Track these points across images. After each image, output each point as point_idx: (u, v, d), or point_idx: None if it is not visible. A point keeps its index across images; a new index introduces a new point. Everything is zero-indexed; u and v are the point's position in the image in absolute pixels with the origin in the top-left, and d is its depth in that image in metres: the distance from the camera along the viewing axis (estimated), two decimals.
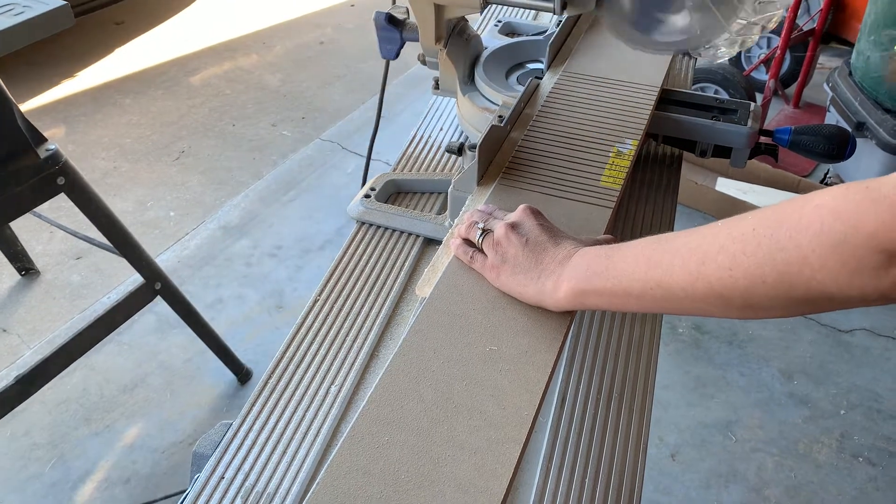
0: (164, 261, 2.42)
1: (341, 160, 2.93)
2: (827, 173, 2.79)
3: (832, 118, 2.54)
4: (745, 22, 0.98)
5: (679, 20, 1.02)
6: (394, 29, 1.14)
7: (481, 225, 0.76)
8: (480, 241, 0.75)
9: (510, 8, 1.42)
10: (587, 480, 0.72)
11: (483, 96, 1.12)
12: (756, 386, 2.06)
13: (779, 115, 3.14)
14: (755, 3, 0.99)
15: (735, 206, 2.48)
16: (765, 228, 0.54)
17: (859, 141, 2.33)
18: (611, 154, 0.92)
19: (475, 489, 0.56)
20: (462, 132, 1.20)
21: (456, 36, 1.12)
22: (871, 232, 0.49)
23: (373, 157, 1.36)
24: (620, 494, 0.71)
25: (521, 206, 0.76)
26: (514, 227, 0.73)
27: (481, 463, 0.58)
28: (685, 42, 1.04)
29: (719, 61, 1.01)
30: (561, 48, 1.15)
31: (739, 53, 3.24)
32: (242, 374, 2.05)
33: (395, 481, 0.57)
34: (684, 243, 0.60)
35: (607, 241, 0.72)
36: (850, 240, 0.49)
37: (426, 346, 0.67)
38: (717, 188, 2.61)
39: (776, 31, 3.01)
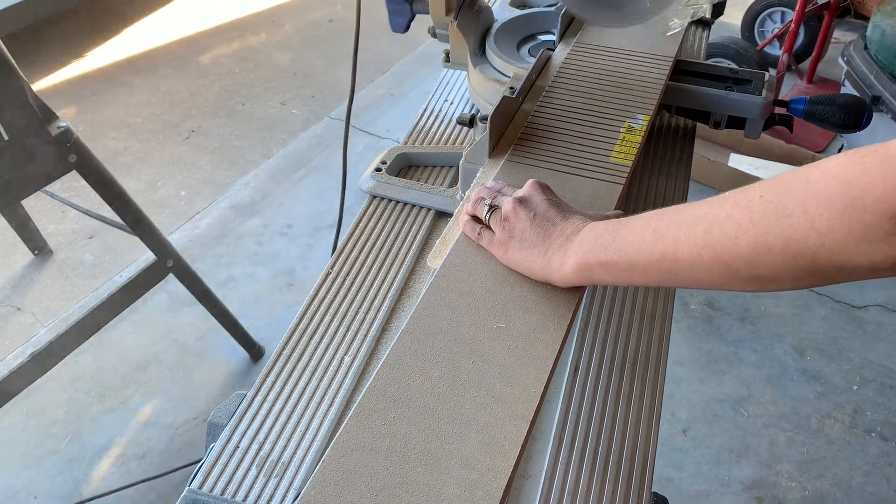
0: (175, 240, 2.42)
1: (351, 138, 2.92)
2: (841, 148, 2.76)
3: (847, 92, 2.51)
4: None
5: None
6: (403, 1, 1.13)
7: (488, 201, 0.75)
8: (488, 217, 0.74)
9: None
10: (600, 448, 0.72)
11: (494, 68, 1.11)
12: (768, 362, 2.05)
13: (792, 90, 3.11)
14: None
15: (748, 182, 2.45)
16: (772, 195, 0.53)
17: (875, 115, 2.30)
18: (622, 129, 0.91)
19: (482, 466, 0.56)
20: (473, 105, 1.19)
21: (467, 8, 1.11)
22: (879, 196, 0.46)
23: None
24: (634, 462, 0.71)
25: (530, 181, 0.75)
26: (521, 201, 0.72)
27: (488, 440, 0.57)
28: (634, 15, 1.02)
29: (671, 33, 1.00)
30: (573, 19, 1.14)
31: (753, 28, 3.20)
32: (255, 351, 2.06)
33: (402, 458, 0.56)
34: (691, 213, 0.59)
35: (617, 216, 0.70)
36: (858, 204, 0.47)
37: (432, 324, 0.66)
38: (730, 164, 2.59)
39: (790, 5, 2.96)
